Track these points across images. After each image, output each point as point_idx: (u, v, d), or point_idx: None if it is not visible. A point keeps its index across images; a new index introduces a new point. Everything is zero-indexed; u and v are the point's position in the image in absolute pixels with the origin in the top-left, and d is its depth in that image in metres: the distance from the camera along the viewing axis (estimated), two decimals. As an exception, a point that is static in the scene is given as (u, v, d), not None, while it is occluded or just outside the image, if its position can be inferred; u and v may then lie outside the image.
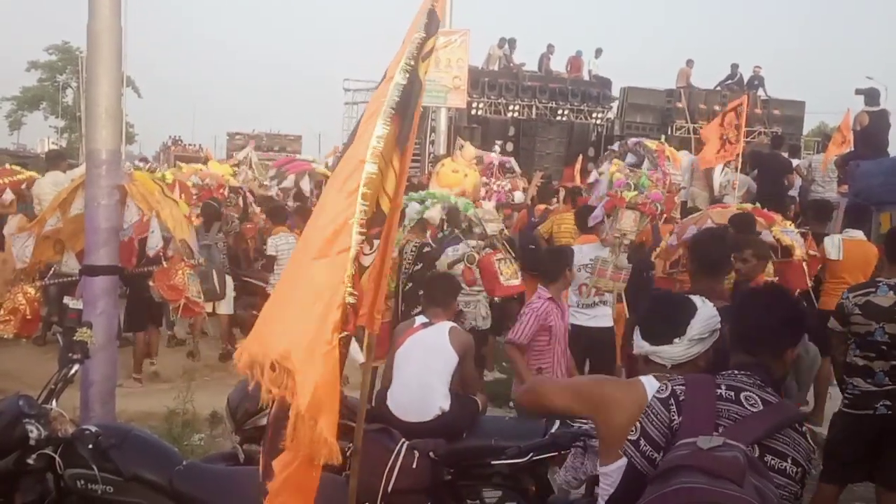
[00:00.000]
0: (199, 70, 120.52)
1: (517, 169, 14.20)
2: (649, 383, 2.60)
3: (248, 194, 12.62)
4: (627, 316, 7.18)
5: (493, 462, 4.30)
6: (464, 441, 4.43)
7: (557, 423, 4.45)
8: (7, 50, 75.39)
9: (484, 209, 8.01)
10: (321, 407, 2.08)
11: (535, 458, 4.21)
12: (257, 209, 11.84)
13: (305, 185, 13.70)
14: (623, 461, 2.49)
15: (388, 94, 2.38)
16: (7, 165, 12.49)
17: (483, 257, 6.87)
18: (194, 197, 11.15)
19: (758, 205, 8.40)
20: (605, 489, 2.59)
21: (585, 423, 3.79)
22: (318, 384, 2.08)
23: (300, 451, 2.14)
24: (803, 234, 7.68)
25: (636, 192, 6.89)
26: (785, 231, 7.26)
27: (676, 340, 2.72)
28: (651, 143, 12.51)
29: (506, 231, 8.28)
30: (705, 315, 2.73)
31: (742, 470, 2.10)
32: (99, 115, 5.33)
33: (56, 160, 10.63)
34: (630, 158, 12.43)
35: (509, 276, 6.95)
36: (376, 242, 2.34)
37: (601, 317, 6.70)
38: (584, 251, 6.95)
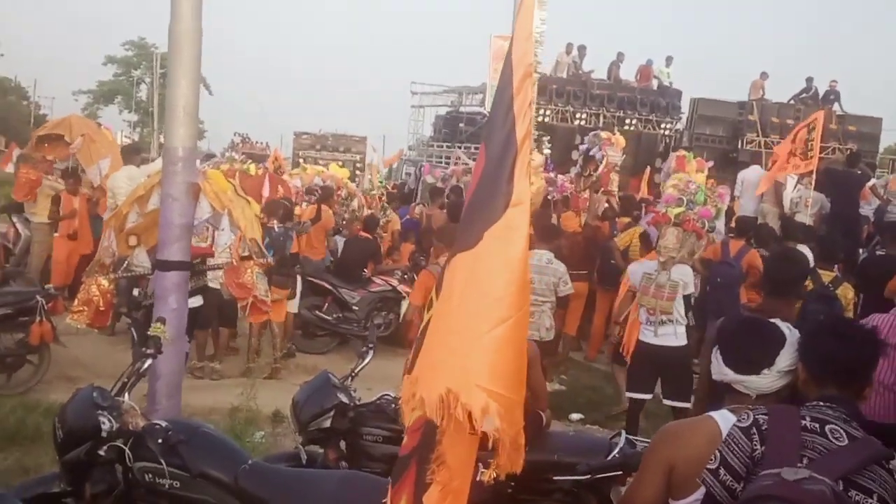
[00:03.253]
0: (267, 68, 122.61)
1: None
2: (722, 417, 2.51)
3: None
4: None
5: (555, 478, 4.24)
6: (527, 455, 4.37)
7: (623, 440, 4.37)
8: (87, 44, 77.71)
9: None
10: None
11: (597, 476, 4.14)
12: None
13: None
14: (698, 494, 2.42)
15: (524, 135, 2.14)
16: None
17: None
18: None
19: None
20: None
21: None
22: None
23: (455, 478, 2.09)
24: None
25: (683, 209, 6.73)
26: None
27: (765, 371, 2.59)
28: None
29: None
30: (793, 345, 2.62)
31: None
32: (177, 115, 5.44)
33: (131, 154, 10.90)
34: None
35: None
36: None
37: (668, 335, 6.47)
38: (640, 269, 6.84)
